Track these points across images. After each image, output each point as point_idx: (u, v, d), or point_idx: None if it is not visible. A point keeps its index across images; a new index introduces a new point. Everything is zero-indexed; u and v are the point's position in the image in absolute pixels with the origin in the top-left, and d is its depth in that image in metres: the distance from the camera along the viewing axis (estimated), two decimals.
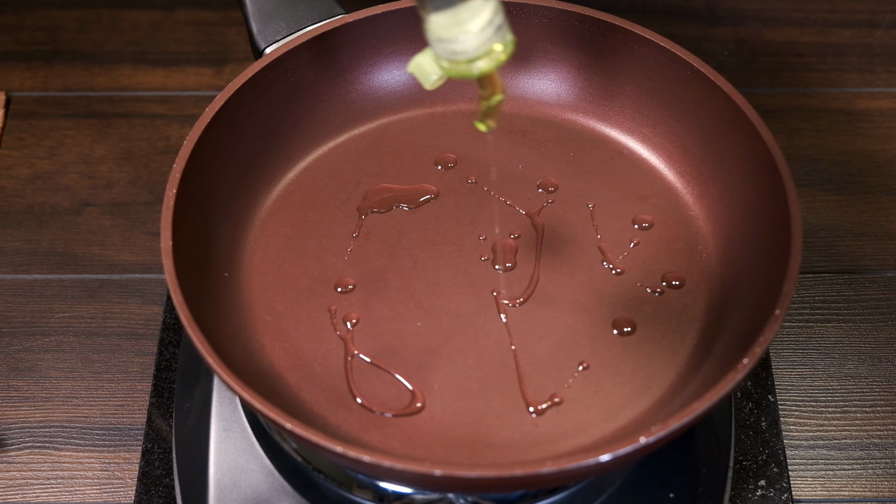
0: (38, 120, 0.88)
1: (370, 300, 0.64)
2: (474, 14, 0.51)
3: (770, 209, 0.61)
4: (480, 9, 0.51)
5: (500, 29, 0.52)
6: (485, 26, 0.51)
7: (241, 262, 0.66)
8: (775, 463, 0.69)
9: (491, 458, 0.57)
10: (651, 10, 0.95)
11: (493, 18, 0.51)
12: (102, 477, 0.69)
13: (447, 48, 0.52)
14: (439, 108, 0.74)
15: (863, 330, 0.76)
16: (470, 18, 0.51)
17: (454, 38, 0.52)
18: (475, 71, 0.53)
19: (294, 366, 0.61)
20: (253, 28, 0.69)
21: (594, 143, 0.72)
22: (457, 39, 0.52)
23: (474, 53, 0.52)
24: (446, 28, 0.51)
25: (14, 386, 0.73)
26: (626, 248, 0.66)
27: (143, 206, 0.82)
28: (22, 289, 0.78)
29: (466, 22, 0.51)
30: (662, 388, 0.60)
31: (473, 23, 0.51)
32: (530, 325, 0.62)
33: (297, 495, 0.62)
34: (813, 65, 0.92)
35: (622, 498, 0.63)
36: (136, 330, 0.76)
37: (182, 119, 0.88)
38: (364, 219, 0.68)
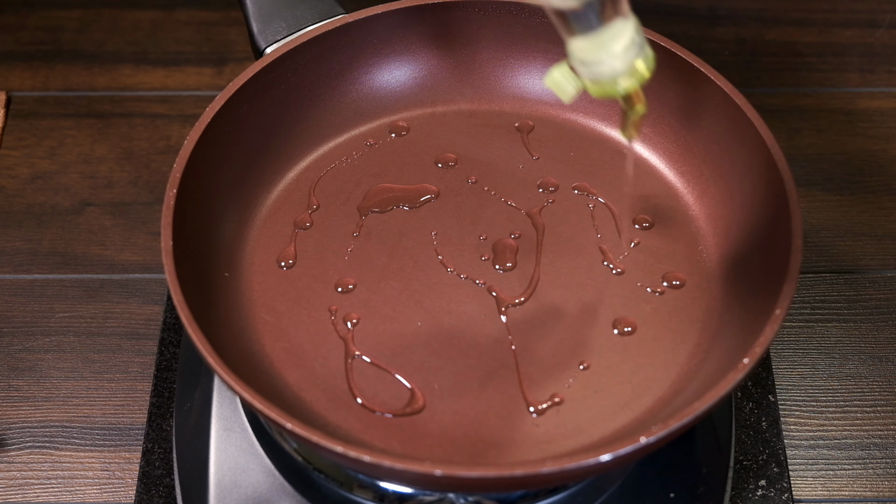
0: (38, 120, 0.88)
1: (370, 300, 0.64)
2: (616, 35, 0.51)
3: (770, 209, 0.61)
4: (622, 29, 0.51)
5: (641, 46, 0.52)
6: (628, 46, 0.51)
7: (241, 262, 0.66)
8: (776, 463, 0.69)
9: (491, 458, 0.57)
10: (651, 10, 0.95)
11: (636, 37, 0.52)
12: (103, 477, 0.69)
13: (592, 70, 0.53)
14: (440, 108, 0.74)
15: (863, 330, 0.76)
16: (612, 40, 0.51)
17: (598, 60, 0.52)
18: (620, 90, 0.53)
19: (294, 366, 0.61)
20: (253, 28, 0.69)
21: (594, 143, 0.72)
22: (601, 62, 0.52)
23: (619, 73, 0.52)
24: (589, 51, 0.52)
25: (14, 386, 0.73)
26: (626, 248, 0.66)
27: (143, 206, 0.82)
28: (22, 289, 0.78)
29: (609, 44, 0.51)
30: (662, 388, 0.60)
31: (616, 44, 0.51)
32: (530, 325, 0.62)
33: (298, 495, 0.62)
34: (813, 65, 0.92)
35: (622, 498, 0.63)
36: (137, 330, 0.76)
37: (182, 119, 0.88)
38: (364, 219, 0.68)
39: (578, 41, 0.52)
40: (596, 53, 0.52)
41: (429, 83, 0.73)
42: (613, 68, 0.52)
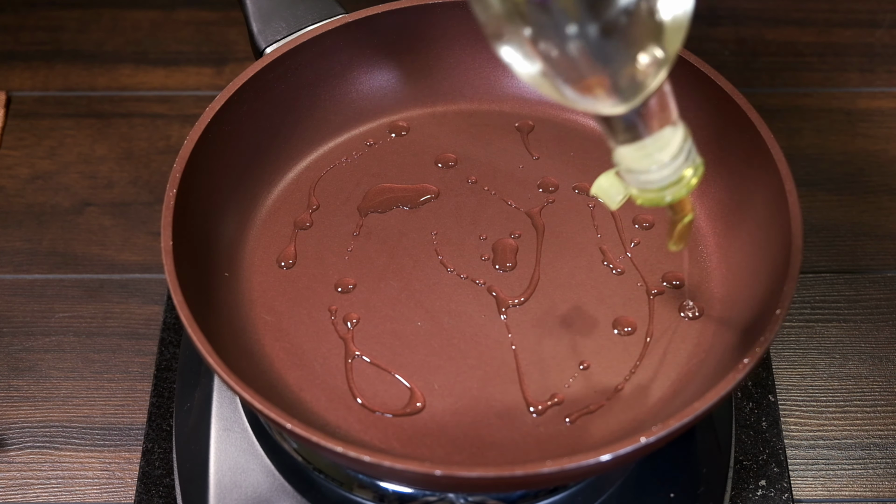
0: (38, 120, 0.88)
1: (370, 300, 0.64)
2: (664, 145, 0.49)
3: (770, 209, 0.61)
4: (670, 138, 0.49)
5: (689, 155, 0.50)
6: (676, 155, 0.50)
7: (241, 262, 0.66)
8: (776, 463, 0.69)
9: (491, 458, 0.57)
10: None
11: (683, 146, 0.50)
12: (103, 477, 0.69)
13: (638, 179, 0.51)
14: (440, 107, 0.74)
15: (863, 330, 0.76)
16: (660, 149, 0.49)
17: (645, 169, 0.50)
18: (667, 199, 0.51)
19: (294, 366, 0.61)
20: (253, 28, 0.69)
21: (594, 143, 0.72)
22: (648, 171, 0.50)
23: (666, 182, 0.51)
24: (636, 160, 0.50)
25: (14, 386, 0.73)
26: (627, 248, 0.66)
27: (143, 206, 0.82)
28: (22, 289, 0.78)
29: (656, 153, 0.49)
30: (662, 388, 0.60)
31: (664, 153, 0.49)
32: (530, 325, 0.62)
33: (298, 495, 0.62)
34: (813, 64, 0.92)
35: (622, 498, 0.63)
36: (137, 330, 0.76)
37: (182, 119, 0.88)
38: (364, 219, 0.68)
39: (626, 149, 0.50)
40: (643, 162, 0.50)
41: (429, 83, 0.73)
42: (661, 178, 0.50)
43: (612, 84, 0.46)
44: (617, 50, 0.46)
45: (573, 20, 0.44)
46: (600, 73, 0.46)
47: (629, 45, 0.46)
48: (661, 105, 0.48)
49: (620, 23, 0.45)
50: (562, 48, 0.45)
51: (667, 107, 0.49)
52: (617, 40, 0.45)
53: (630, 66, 0.46)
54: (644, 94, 0.47)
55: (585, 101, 0.47)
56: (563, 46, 0.45)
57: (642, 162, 0.50)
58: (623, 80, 0.46)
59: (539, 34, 0.45)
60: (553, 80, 0.46)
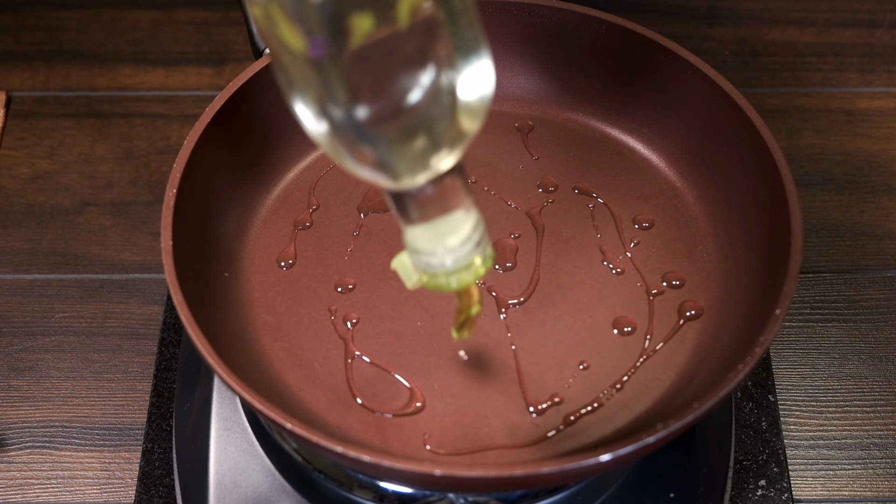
0: (38, 120, 0.88)
1: (370, 300, 0.64)
2: (453, 228, 0.48)
3: (770, 209, 0.61)
4: (460, 222, 0.48)
5: (479, 244, 0.49)
6: (464, 241, 0.48)
7: (241, 262, 0.66)
8: (775, 463, 0.69)
9: (491, 458, 0.57)
10: (651, 10, 0.95)
11: (473, 233, 0.49)
12: (103, 477, 0.69)
13: (423, 260, 0.49)
14: None
15: (863, 330, 0.76)
16: (448, 233, 0.48)
17: (432, 251, 0.49)
18: (453, 284, 0.50)
19: (294, 366, 0.61)
20: (253, 28, 0.69)
21: (594, 142, 0.72)
22: (434, 253, 0.49)
23: (452, 267, 0.49)
24: (424, 241, 0.48)
25: (14, 386, 0.73)
26: (626, 248, 0.66)
27: (143, 206, 0.82)
28: (22, 289, 0.78)
29: (445, 236, 0.48)
30: (662, 388, 0.60)
31: (452, 238, 0.48)
32: (530, 325, 0.62)
33: (298, 495, 0.62)
34: (813, 64, 0.92)
35: (622, 498, 0.63)
36: (137, 330, 0.76)
37: (182, 119, 0.88)
38: (364, 219, 0.68)
39: (415, 229, 0.48)
40: (429, 244, 0.48)
41: None
42: (444, 263, 0.49)
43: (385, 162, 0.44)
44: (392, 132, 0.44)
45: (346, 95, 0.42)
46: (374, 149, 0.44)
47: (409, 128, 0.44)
48: (451, 188, 0.47)
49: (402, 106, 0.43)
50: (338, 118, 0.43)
51: (458, 190, 0.47)
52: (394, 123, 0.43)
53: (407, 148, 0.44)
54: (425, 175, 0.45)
55: (364, 171, 0.45)
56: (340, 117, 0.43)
57: (430, 244, 0.48)
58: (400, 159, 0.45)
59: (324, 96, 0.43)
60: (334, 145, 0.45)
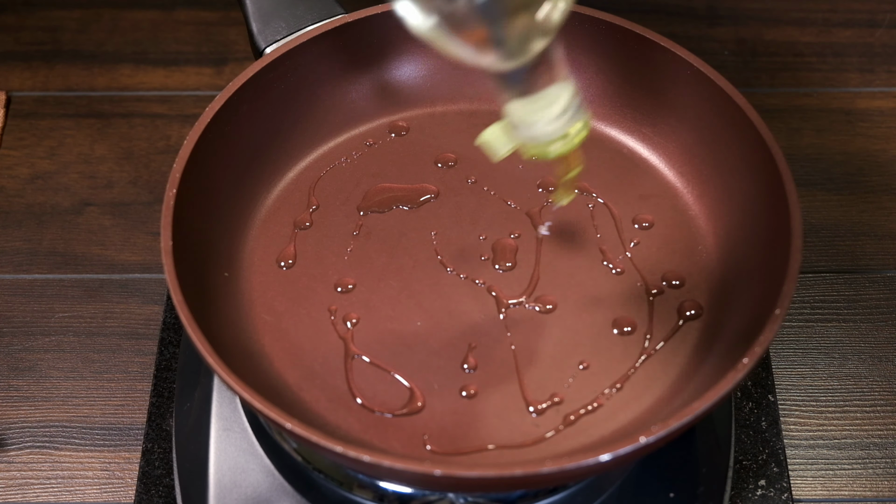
0: (38, 120, 0.88)
1: (370, 300, 0.64)
2: (553, 100, 0.51)
3: (770, 209, 0.61)
4: (559, 94, 0.51)
5: (577, 111, 0.53)
6: (564, 111, 0.52)
7: (241, 262, 0.66)
8: (775, 462, 0.69)
9: (491, 458, 0.57)
10: (651, 10, 0.95)
11: (572, 101, 0.52)
12: (102, 477, 0.69)
13: (527, 132, 0.53)
14: (439, 107, 0.74)
15: (863, 330, 0.76)
16: (549, 105, 0.51)
17: (534, 122, 0.52)
18: (554, 152, 0.53)
19: (294, 366, 0.61)
20: (253, 28, 0.69)
21: (594, 143, 0.71)
22: (536, 125, 0.52)
23: (553, 137, 0.53)
24: (526, 114, 0.52)
25: (14, 386, 0.73)
26: (626, 248, 0.66)
27: (143, 206, 0.82)
28: (22, 288, 0.78)
29: (545, 108, 0.51)
30: (662, 388, 0.60)
31: (552, 109, 0.51)
32: (530, 325, 0.62)
33: (297, 495, 0.62)
34: (813, 64, 0.92)
35: (622, 497, 0.63)
36: (137, 330, 0.76)
37: (182, 119, 0.88)
38: (364, 219, 0.68)
39: (516, 103, 0.52)
40: (532, 117, 0.52)
41: (428, 83, 0.73)
42: (548, 132, 0.52)
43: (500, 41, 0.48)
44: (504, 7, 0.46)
45: None
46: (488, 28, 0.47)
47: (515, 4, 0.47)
48: (550, 63, 0.50)
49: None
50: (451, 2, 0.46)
51: (556, 64, 0.50)
52: None
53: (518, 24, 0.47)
54: (531, 52, 0.48)
55: (476, 56, 0.48)
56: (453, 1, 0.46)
57: (531, 116, 0.52)
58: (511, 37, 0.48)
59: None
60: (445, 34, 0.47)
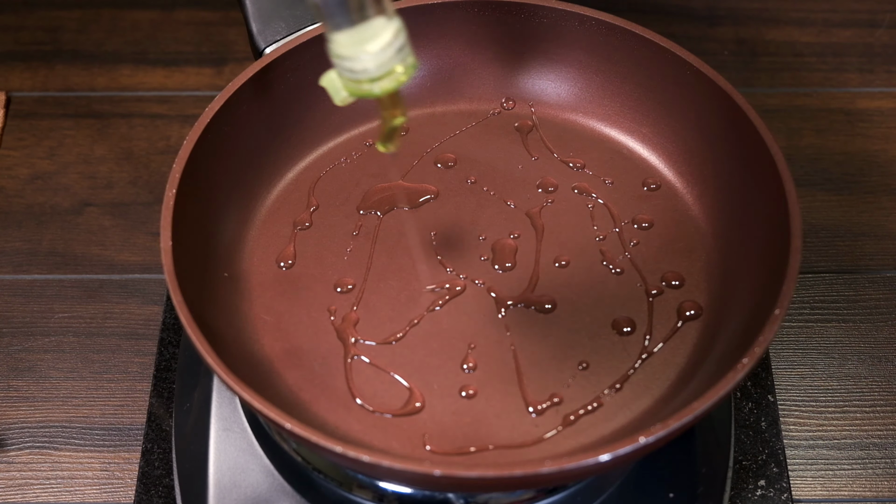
0: (38, 120, 0.88)
1: (370, 300, 0.64)
2: (375, 34, 0.51)
3: (770, 209, 0.61)
4: (381, 29, 0.51)
5: (401, 50, 0.52)
6: (385, 47, 0.51)
7: (241, 262, 0.66)
8: (775, 463, 0.69)
9: (490, 458, 0.57)
10: (651, 10, 0.95)
11: (394, 40, 0.51)
12: (102, 477, 0.69)
13: (346, 66, 0.52)
14: (439, 107, 0.74)
15: (863, 330, 0.76)
16: (370, 38, 0.51)
17: (354, 56, 0.52)
18: (376, 90, 0.53)
19: (293, 366, 0.61)
20: (253, 28, 0.69)
21: (594, 143, 0.72)
22: (357, 58, 0.52)
23: (374, 73, 0.52)
24: (347, 46, 0.51)
25: (14, 386, 0.73)
26: (626, 248, 0.66)
27: (142, 206, 0.82)
28: (22, 289, 0.78)
29: (367, 42, 0.51)
30: (662, 388, 0.60)
31: (373, 43, 0.51)
32: (530, 325, 0.62)
33: (297, 495, 0.62)
34: (813, 64, 0.92)
35: (622, 498, 0.63)
36: (136, 330, 0.76)
37: (182, 119, 0.88)
38: (364, 219, 0.68)
39: (338, 35, 0.51)
40: (352, 49, 0.51)
41: (428, 83, 0.73)
42: (367, 68, 0.52)
43: None
44: None
45: None
46: None
47: None
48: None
49: None
50: None
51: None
52: None
53: None
54: None
55: None
56: None
57: (352, 49, 0.51)
58: None
59: None
60: None
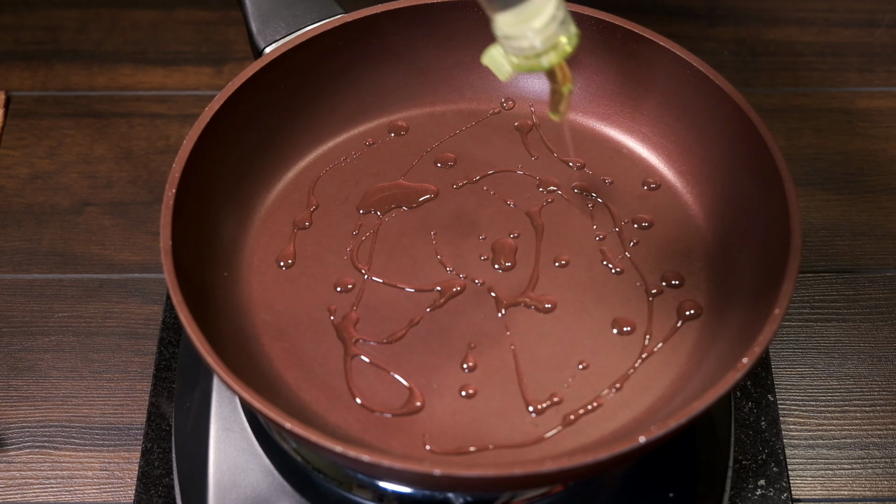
0: (37, 119, 0.88)
1: (370, 300, 0.64)
2: (537, 11, 0.53)
3: (770, 209, 0.61)
4: (543, 5, 0.53)
5: (563, 23, 0.54)
6: (548, 22, 0.53)
7: (241, 261, 0.66)
8: (775, 462, 0.69)
9: (490, 457, 0.57)
10: (651, 10, 0.95)
11: (556, 13, 0.53)
12: (102, 476, 0.69)
13: (514, 45, 0.55)
14: (439, 107, 0.74)
15: (862, 329, 0.76)
16: (533, 15, 0.53)
17: (521, 34, 0.54)
18: (545, 63, 0.55)
19: (293, 365, 0.61)
20: (252, 28, 0.69)
21: (594, 142, 0.72)
22: (524, 36, 0.54)
23: (541, 48, 0.54)
24: (512, 26, 0.54)
25: (14, 385, 0.73)
26: (626, 247, 0.66)
27: (142, 206, 0.82)
28: (21, 288, 0.78)
29: (530, 19, 0.53)
30: (662, 388, 0.60)
31: (537, 20, 0.53)
32: (530, 325, 0.62)
33: (297, 495, 0.62)
34: (813, 64, 0.92)
35: (622, 497, 0.63)
36: (136, 329, 0.76)
37: (182, 118, 0.88)
38: (364, 218, 0.68)
39: (503, 15, 0.53)
40: (518, 28, 0.53)
41: (428, 83, 0.73)
42: (534, 43, 0.54)
43: None
44: None
45: None
46: None
47: None
48: None
49: None
50: None
51: None
52: None
53: None
54: None
55: None
56: None
57: (517, 28, 0.54)
58: None
59: None
60: None
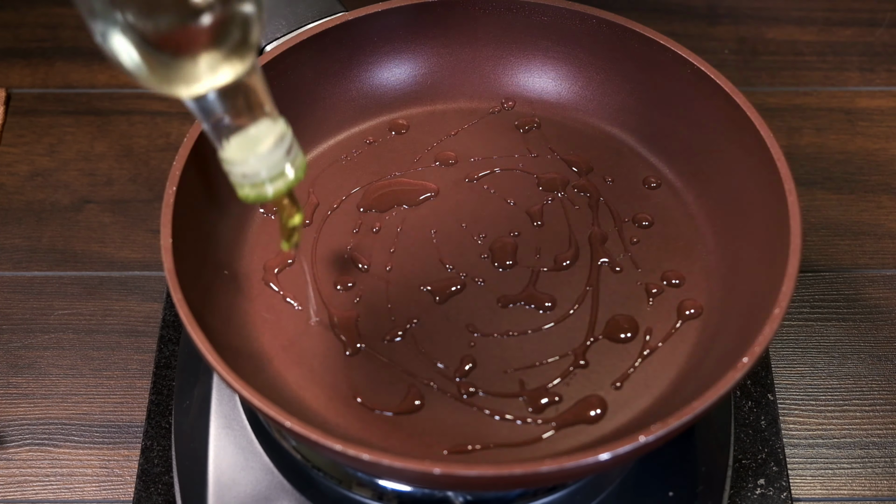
0: (38, 117, 0.88)
1: (370, 299, 0.64)
2: (261, 137, 0.50)
3: (770, 208, 0.61)
4: (268, 131, 0.51)
5: (289, 151, 0.52)
6: (273, 148, 0.51)
7: (241, 259, 0.66)
8: (775, 462, 0.69)
9: (490, 456, 0.57)
10: (652, 9, 0.95)
11: (281, 141, 0.51)
12: (102, 474, 0.69)
13: (238, 171, 0.52)
14: (439, 106, 0.74)
15: (862, 329, 0.76)
16: (257, 141, 0.50)
17: (244, 160, 0.51)
18: (269, 193, 0.52)
19: (293, 364, 0.61)
20: None
21: (594, 141, 0.72)
22: (245, 162, 0.51)
23: (266, 176, 0.51)
24: (234, 151, 0.51)
25: (13, 383, 0.73)
26: (626, 247, 0.66)
27: (142, 204, 0.82)
28: (21, 286, 0.78)
29: (254, 144, 0.50)
30: (662, 388, 0.60)
31: (261, 145, 0.51)
32: (530, 324, 0.62)
33: (297, 493, 0.62)
34: (813, 63, 0.92)
35: (622, 496, 0.63)
36: (136, 327, 0.76)
37: (182, 116, 0.88)
38: (364, 217, 0.68)
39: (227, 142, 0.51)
40: (241, 154, 0.51)
41: (429, 81, 0.73)
42: (257, 170, 0.51)
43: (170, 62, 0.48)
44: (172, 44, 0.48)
45: None
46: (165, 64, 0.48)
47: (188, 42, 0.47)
48: (249, 97, 0.50)
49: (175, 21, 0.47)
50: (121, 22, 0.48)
51: (258, 100, 0.50)
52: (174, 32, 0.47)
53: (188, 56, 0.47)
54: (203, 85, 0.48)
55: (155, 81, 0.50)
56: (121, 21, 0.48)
57: (240, 153, 0.51)
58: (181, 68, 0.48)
59: None
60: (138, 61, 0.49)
